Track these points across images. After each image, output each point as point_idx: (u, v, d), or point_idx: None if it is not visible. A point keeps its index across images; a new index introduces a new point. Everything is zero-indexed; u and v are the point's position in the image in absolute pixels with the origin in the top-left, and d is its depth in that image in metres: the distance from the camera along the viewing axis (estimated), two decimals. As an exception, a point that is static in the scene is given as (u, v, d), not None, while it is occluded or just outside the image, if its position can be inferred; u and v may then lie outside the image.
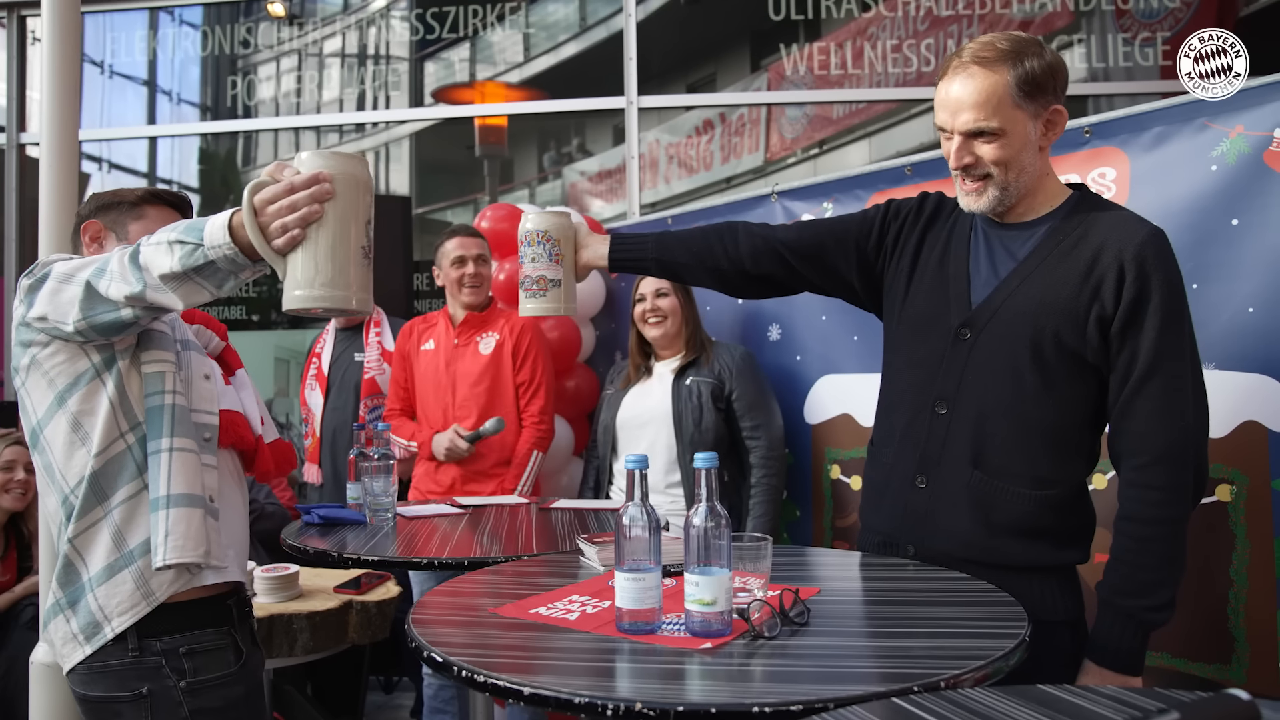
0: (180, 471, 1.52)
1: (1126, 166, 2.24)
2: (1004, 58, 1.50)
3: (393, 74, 5.00)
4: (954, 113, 1.54)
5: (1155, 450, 1.49)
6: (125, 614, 1.50)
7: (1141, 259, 1.49)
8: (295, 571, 2.60)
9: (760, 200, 3.13)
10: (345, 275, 1.33)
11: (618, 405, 2.87)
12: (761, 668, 1.16)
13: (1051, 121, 1.55)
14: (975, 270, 1.63)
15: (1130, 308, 1.49)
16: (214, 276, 1.38)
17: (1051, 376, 1.55)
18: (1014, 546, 1.57)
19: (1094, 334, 1.52)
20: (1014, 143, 1.52)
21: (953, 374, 1.61)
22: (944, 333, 1.62)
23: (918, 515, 1.64)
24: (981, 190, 1.57)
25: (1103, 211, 1.58)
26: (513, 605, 1.43)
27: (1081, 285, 1.52)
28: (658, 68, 4.66)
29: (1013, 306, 1.56)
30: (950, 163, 1.59)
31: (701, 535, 1.25)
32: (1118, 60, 4.45)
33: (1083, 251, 1.53)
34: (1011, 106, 1.51)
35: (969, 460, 1.59)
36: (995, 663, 1.13)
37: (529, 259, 1.89)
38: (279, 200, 1.30)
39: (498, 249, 3.56)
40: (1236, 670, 2.06)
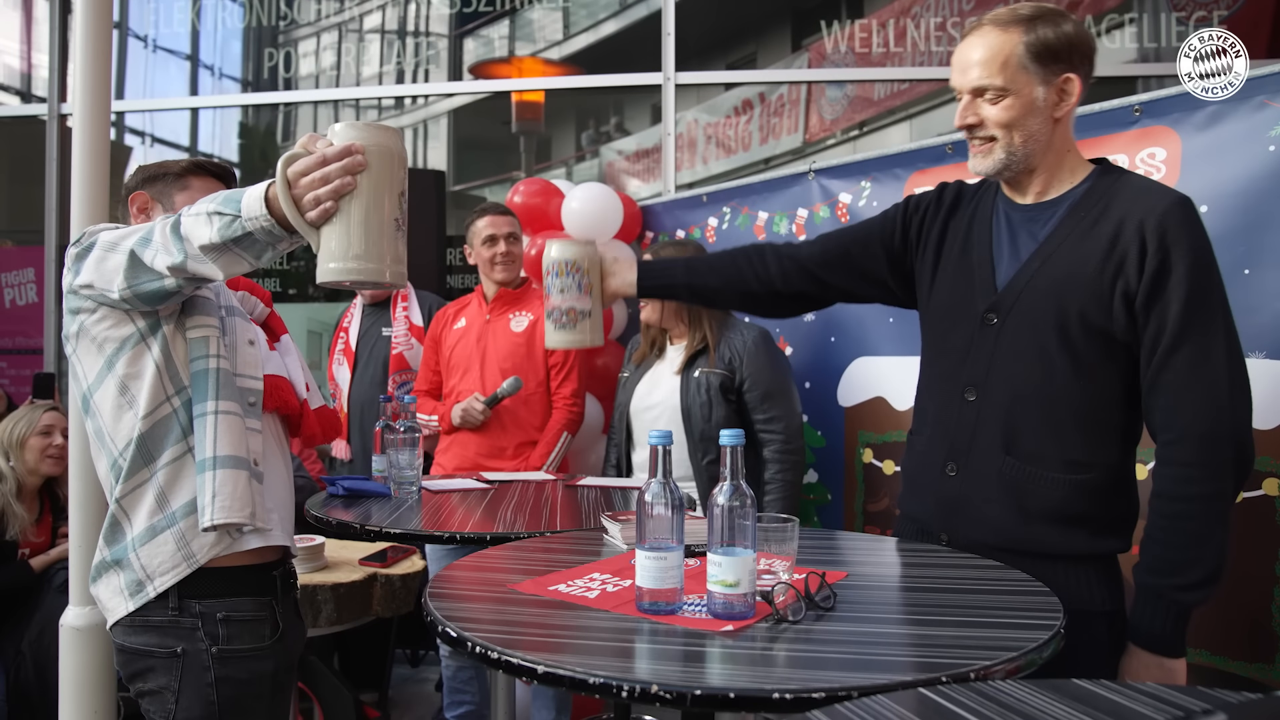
0: (226, 434, 1.53)
1: (1178, 146, 2.15)
2: (1019, 21, 1.50)
3: (431, 49, 4.98)
4: (963, 70, 1.54)
5: (1184, 425, 1.44)
6: (167, 574, 1.52)
7: (1163, 229, 1.45)
8: (321, 543, 2.60)
9: (797, 178, 3.07)
10: (378, 248, 1.31)
11: (631, 391, 2.81)
12: (784, 652, 1.13)
13: (1065, 90, 1.52)
14: (999, 255, 1.61)
15: (1153, 280, 1.45)
16: (252, 248, 1.39)
17: (1080, 357, 1.51)
18: (1049, 534, 1.53)
19: (1120, 310, 1.48)
20: (1019, 104, 1.51)
21: (980, 360, 1.59)
22: (971, 319, 1.61)
23: (950, 503, 1.62)
24: (988, 151, 1.55)
25: (1125, 184, 1.54)
26: (532, 582, 1.41)
27: (1105, 261, 1.48)
28: (696, 46, 4.59)
29: (1037, 288, 1.53)
30: (955, 121, 1.58)
31: (726, 515, 1.22)
32: (1170, 40, 4.31)
33: (1105, 226, 1.50)
34: (1018, 68, 1.50)
35: (1000, 446, 1.56)
36: (1028, 654, 1.09)
37: (557, 290, 1.87)
38: (312, 172, 1.30)
39: (530, 224, 3.54)
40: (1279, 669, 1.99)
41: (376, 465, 2.40)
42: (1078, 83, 1.52)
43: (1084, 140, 2.33)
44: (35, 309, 4.96)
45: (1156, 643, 1.47)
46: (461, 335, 3.04)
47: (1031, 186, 1.59)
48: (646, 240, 3.74)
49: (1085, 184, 1.57)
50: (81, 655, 2.10)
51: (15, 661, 2.90)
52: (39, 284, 4.96)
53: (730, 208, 3.35)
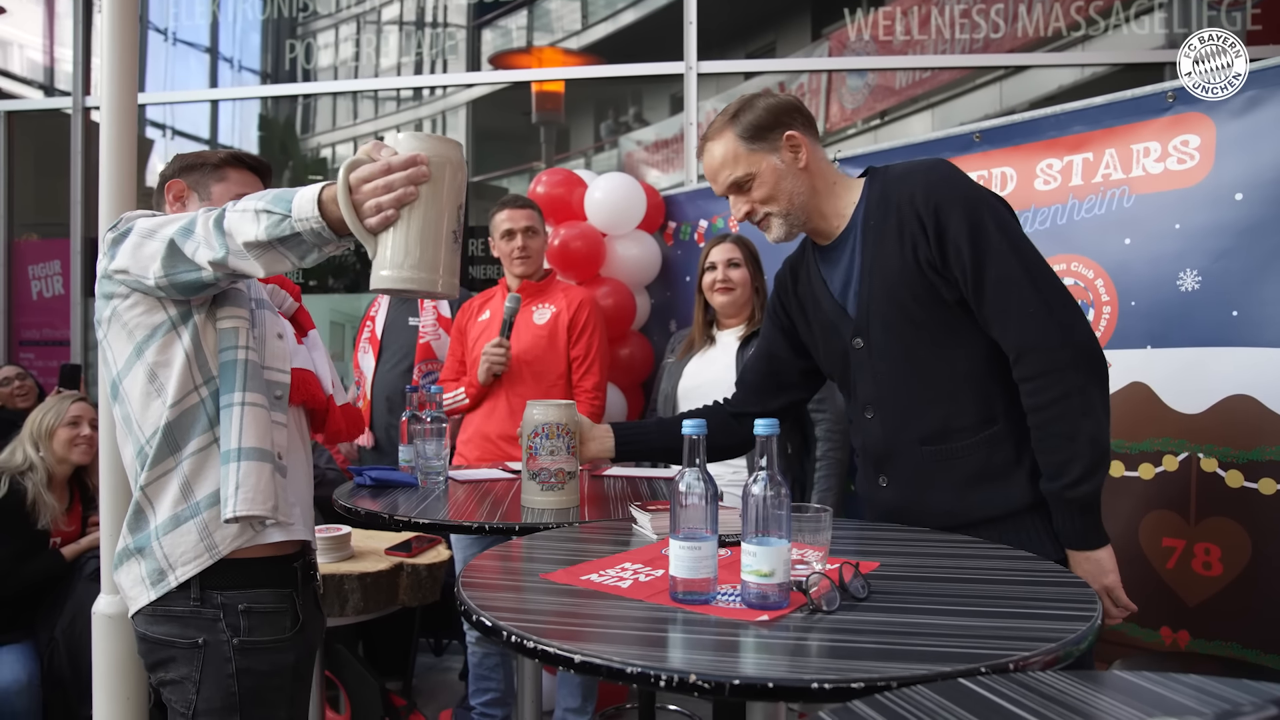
0: (252, 426, 1.53)
1: (1212, 133, 2.13)
2: (725, 123, 1.74)
3: (450, 40, 4.98)
4: (714, 179, 1.77)
5: (1018, 344, 1.59)
6: (189, 564, 1.53)
7: (927, 194, 1.63)
8: (347, 533, 2.61)
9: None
10: (435, 258, 1.33)
11: (679, 374, 2.83)
12: (819, 642, 1.12)
13: (793, 147, 1.72)
14: (839, 292, 1.78)
15: (938, 240, 1.62)
16: (298, 248, 1.40)
17: (939, 335, 1.66)
18: (986, 497, 1.65)
19: (936, 279, 1.63)
20: (767, 178, 1.72)
21: (866, 380, 1.76)
22: (845, 351, 1.78)
23: (895, 510, 1.75)
24: (769, 225, 1.75)
25: (887, 179, 1.72)
26: (564, 571, 1.41)
27: (901, 247, 1.65)
28: (717, 36, 4.57)
29: (876, 300, 1.70)
30: (734, 216, 1.78)
31: (760, 505, 1.22)
32: (1200, 25, 4.25)
33: (890, 221, 1.67)
34: (747, 154, 1.72)
35: (911, 443, 1.71)
36: (1066, 645, 1.08)
37: (546, 451, 1.98)
38: (375, 179, 1.31)
39: (552, 214, 3.54)
40: (1305, 660, 1.97)
41: (403, 455, 2.41)
42: (800, 136, 1.72)
43: (1114, 129, 2.31)
44: (62, 301, 5.01)
45: (1079, 540, 1.60)
46: (485, 327, 3.05)
47: (827, 227, 1.78)
48: (670, 230, 3.73)
49: (864, 195, 1.74)
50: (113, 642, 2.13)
51: (49, 649, 2.94)
52: (65, 276, 5.01)
53: (753, 197, 3.33)
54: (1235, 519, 2.08)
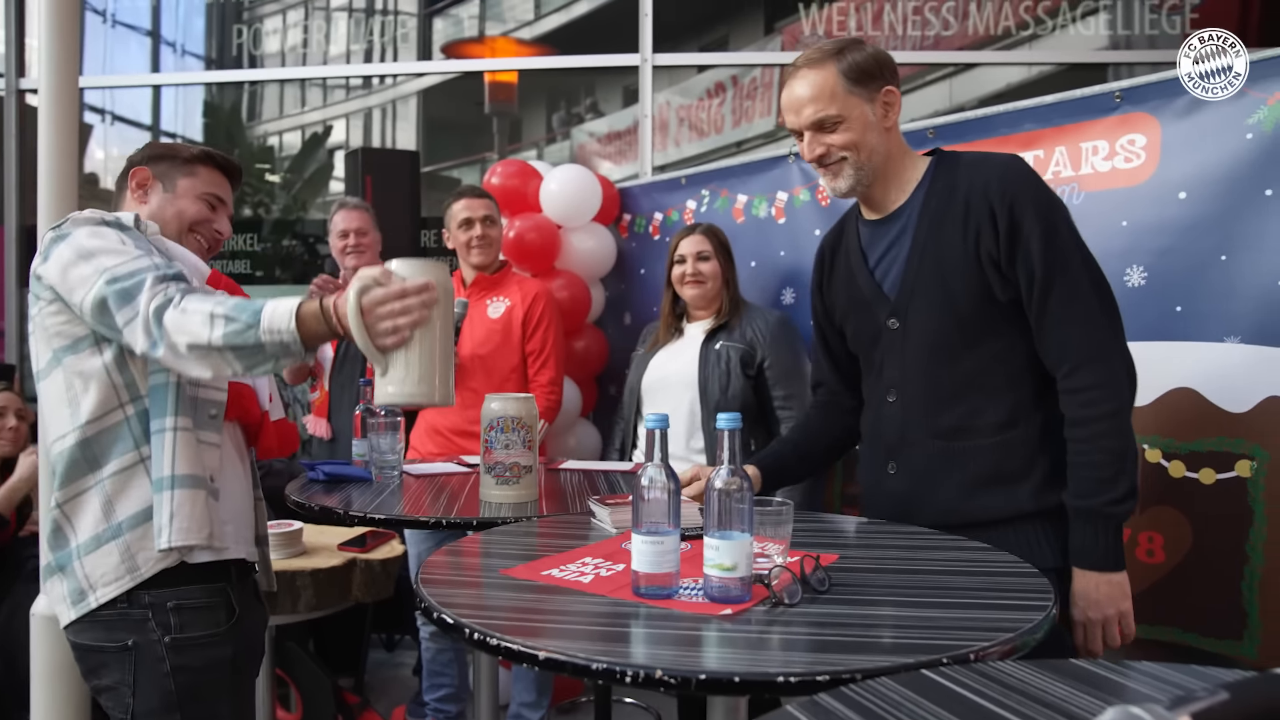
0: (184, 452, 1.49)
1: (1158, 133, 2.17)
2: (828, 56, 1.66)
3: (401, 28, 4.91)
4: (797, 111, 1.69)
5: (1077, 354, 1.57)
6: (109, 585, 1.49)
7: (1003, 189, 1.60)
8: (299, 528, 2.57)
9: (777, 161, 3.07)
10: (443, 373, 1.45)
11: (645, 367, 2.80)
12: (783, 636, 1.13)
13: (888, 103, 1.68)
14: (879, 269, 1.75)
15: (1009, 237, 1.59)
16: (252, 357, 1.38)
17: (979, 331, 1.64)
18: (993, 499, 1.63)
19: (993, 275, 1.61)
20: (856, 125, 1.66)
21: (894, 363, 1.73)
22: (878, 331, 1.75)
23: (899, 498, 1.73)
24: (839, 171, 1.69)
25: (960, 163, 1.69)
26: (524, 567, 1.40)
27: (964, 237, 1.62)
28: (671, 29, 4.57)
29: (922, 283, 1.67)
30: (805, 157, 1.72)
31: (722, 498, 1.22)
32: (1143, 28, 4.35)
33: (955, 208, 1.64)
34: (845, 94, 1.65)
35: (928, 434, 1.68)
36: (1024, 635, 1.10)
37: (502, 445, 1.97)
38: (391, 303, 1.37)
39: (508, 206, 3.51)
40: (1248, 646, 2.03)
41: (357, 449, 2.37)
42: (896, 93, 1.69)
43: (1064, 127, 2.35)
44: (-6, 290, 4.85)
45: (1103, 561, 1.57)
46: (438, 319, 3.02)
47: (886, 197, 1.74)
48: (625, 222, 3.72)
49: (929, 174, 1.71)
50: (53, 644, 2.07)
51: (-17, 650, 2.85)
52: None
53: (709, 190, 3.34)
54: (1177, 508, 2.14)
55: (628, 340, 3.66)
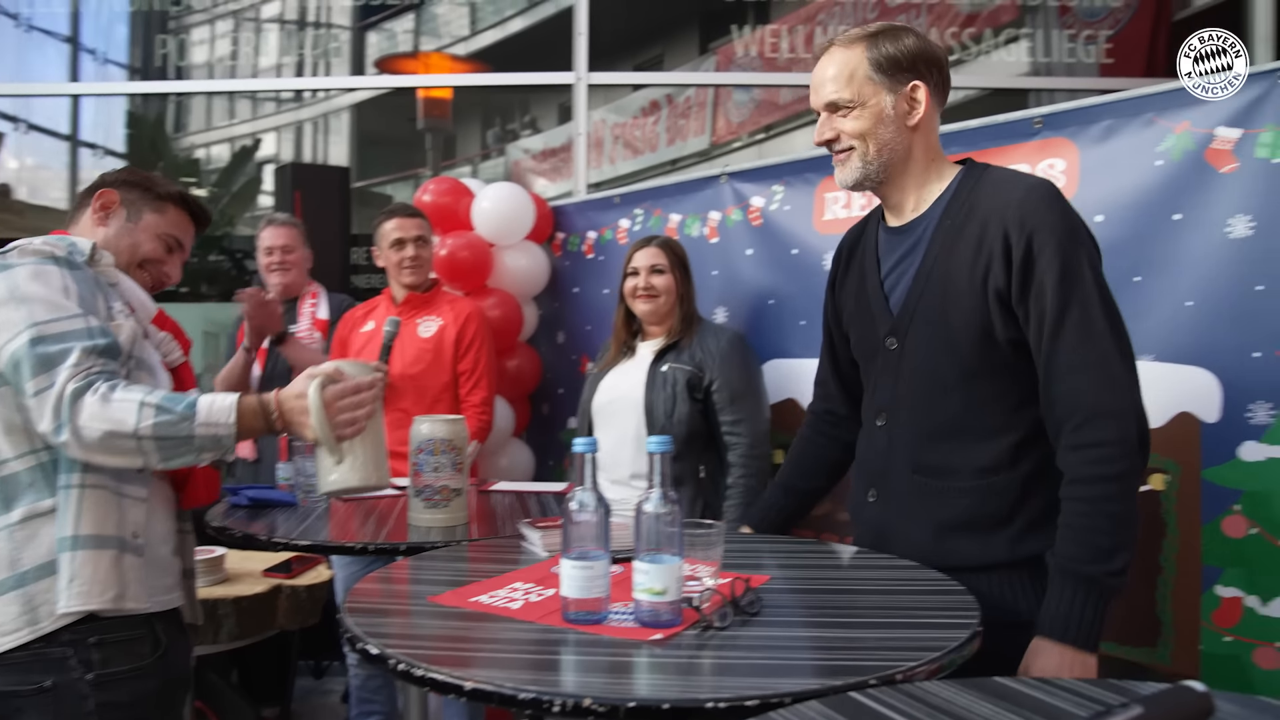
0: (91, 510, 1.44)
1: (1076, 158, 2.24)
2: (863, 38, 1.57)
3: (333, 41, 4.84)
4: (817, 89, 1.60)
5: (1087, 406, 1.41)
6: (8, 635, 1.42)
7: (1022, 218, 1.46)
8: (221, 555, 2.50)
9: (710, 181, 3.09)
10: (382, 460, 1.60)
11: (596, 386, 2.71)
12: (713, 660, 1.13)
13: (913, 98, 1.56)
14: (889, 280, 1.64)
15: (1022, 271, 1.45)
16: (175, 450, 1.39)
17: (975, 368, 1.52)
18: (967, 545, 1.52)
19: (997, 311, 1.48)
20: (869, 114, 1.55)
21: (887, 385, 1.63)
22: (876, 347, 1.64)
23: (875, 528, 1.65)
24: (846, 160, 1.59)
25: (986, 181, 1.57)
26: (452, 593, 1.38)
27: (974, 268, 1.50)
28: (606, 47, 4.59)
29: (926, 307, 1.56)
30: (814, 138, 1.64)
31: (652, 522, 1.21)
32: (1061, 56, 4.50)
33: (971, 229, 1.52)
34: (864, 80, 1.55)
35: (910, 467, 1.58)
36: (949, 654, 1.12)
37: (431, 468, 1.95)
38: (349, 397, 1.51)
39: (439, 224, 3.47)
40: (1162, 653, 2.09)
41: (281, 473, 2.31)
42: (925, 89, 1.56)
43: (986, 151, 2.41)
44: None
45: (1081, 636, 1.39)
46: (368, 339, 2.96)
47: (905, 203, 1.63)
48: (558, 241, 3.71)
49: (951, 188, 1.59)
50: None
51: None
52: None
53: (643, 209, 3.35)
54: (1098, 523, 2.19)
55: (561, 359, 3.65)
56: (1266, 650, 1.93)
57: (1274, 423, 1.94)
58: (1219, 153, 2.02)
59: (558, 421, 3.64)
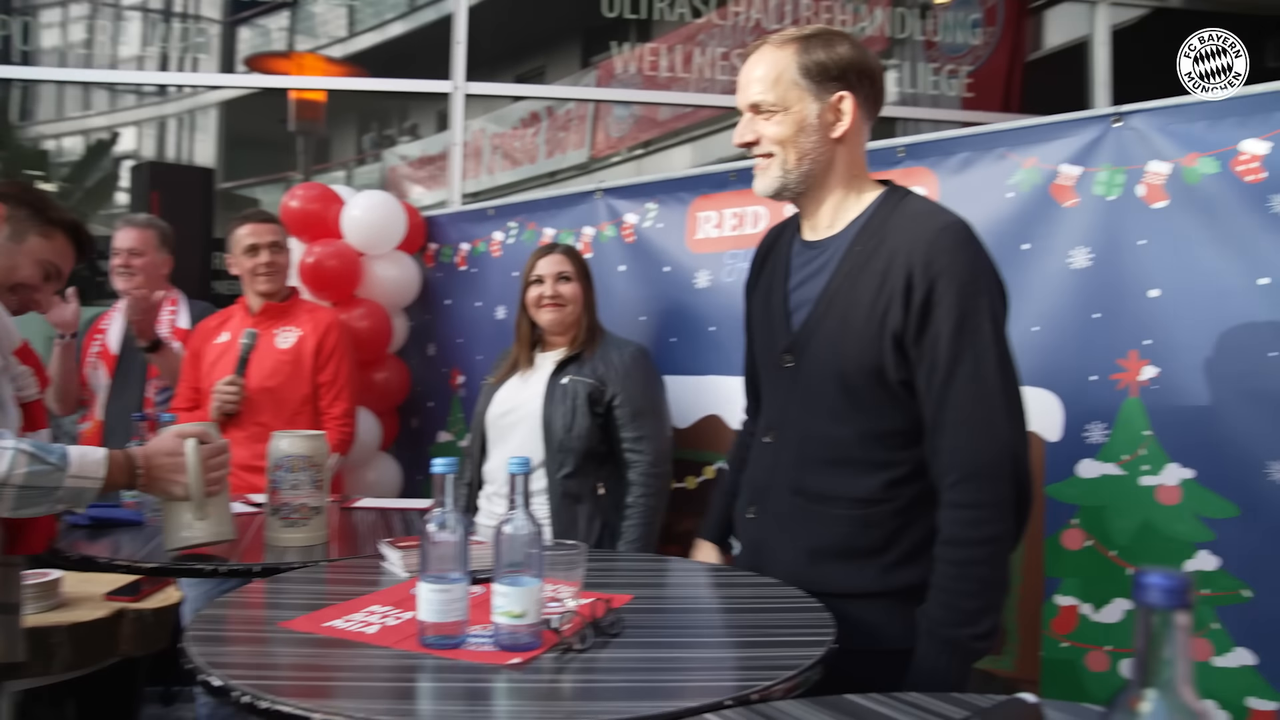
0: None
1: (936, 187, 2.35)
2: (795, 40, 1.51)
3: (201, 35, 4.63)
4: (744, 88, 1.53)
5: (965, 465, 1.39)
6: None
7: (928, 260, 1.41)
8: (55, 578, 2.33)
9: (584, 197, 3.09)
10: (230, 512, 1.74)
11: (490, 398, 2.58)
12: (572, 684, 1.12)
13: (839, 109, 1.50)
14: (795, 296, 1.60)
15: (920, 316, 1.41)
16: (36, 499, 1.37)
17: (864, 399, 1.49)
18: (837, 571, 1.50)
19: (891, 353, 1.44)
20: (791, 121, 1.49)
21: (777, 403, 1.60)
22: (774, 360, 1.60)
23: (753, 546, 1.63)
24: (765, 168, 1.53)
25: (901, 211, 1.51)
26: (305, 618, 1.32)
27: (875, 302, 1.45)
28: (486, 55, 4.55)
29: (823, 331, 1.52)
30: (734, 139, 1.56)
31: (512, 543, 1.20)
32: (926, 88, 4.72)
33: (877, 263, 1.47)
34: (790, 84, 1.49)
35: (790, 488, 1.56)
36: (804, 673, 1.14)
37: (289, 485, 1.90)
38: (217, 456, 1.66)
39: (307, 230, 3.36)
40: (1007, 660, 2.20)
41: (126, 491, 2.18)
42: (853, 101, 1.50)
43: (852, 176, 2.50)
44: None
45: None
46: (223, 350, 2.83)
47: (821, 218, 1.57)
48: (430, 252, 3.65)
49: (868, 212, 1.53)
50: None
51: None
52: None
53: (517, 223, 3.32)
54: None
55: (430, 372, 3.58)
56: (1097, 654, 2.06)
57: (1107, 442, 2.07)
58: (1062, 188, 2.15)
59: (427, 435, 3.57)
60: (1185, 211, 2.00)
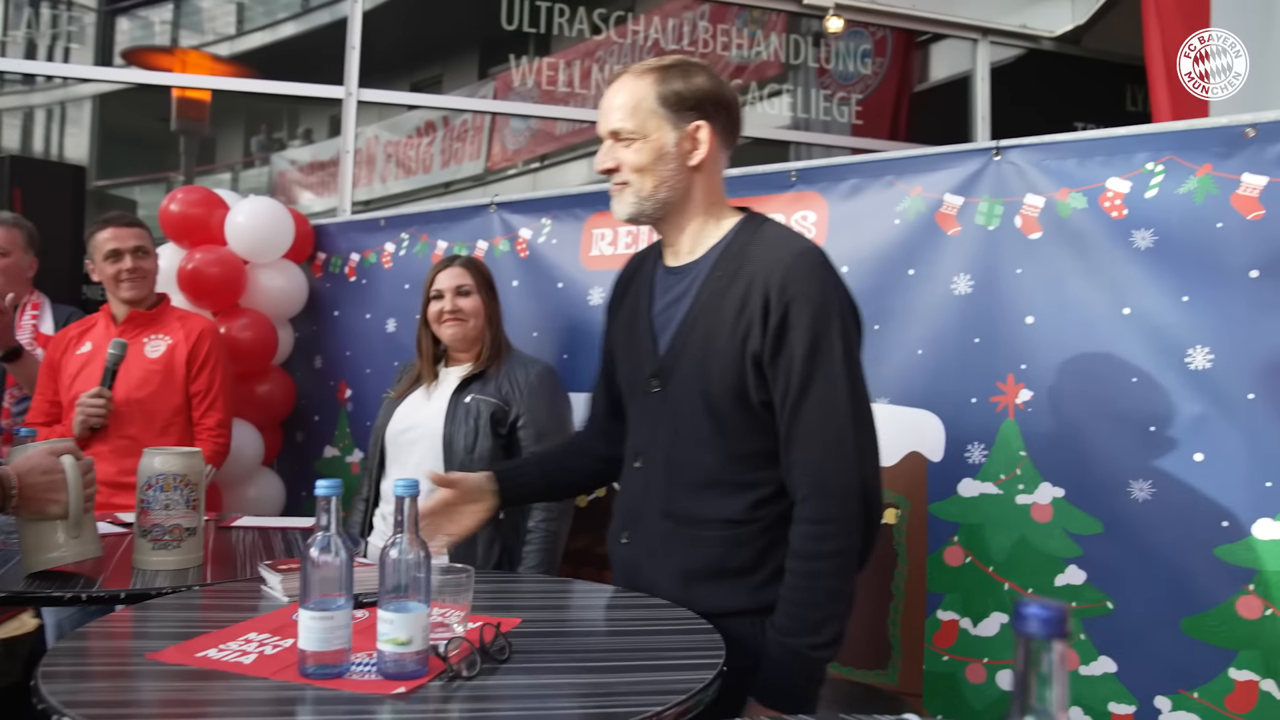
0: None
1: (826, 212, 2.40)
2: (653, 70, 1.56)
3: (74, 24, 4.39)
4: (604, 116, 1.58)
5: (815, 483, 1.44)
6: None
7: (784, 284, 1.47)
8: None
9: (479, 210, 3.06)
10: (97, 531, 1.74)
11: (390, 414, 2.49)
12: (460, 713, 1.09)
13: (696, 138, 1.55)
14: (659, 320, 1.63)
15: (775, 338, 1.46)
16: None
17: (728, 421, 1.53)
18: (713, 592, 1.53)
19: (753, 374, 1.49)
20: (649, 148, 1.53)
21: (645, 427, 1.62)
22: (640, 387, 1.63)
23: (627, 570, 1.64)
24: (620, 193, 1.58)
25: (759, 237, 1.56)
26: (176, 649, 1.25)
27: (735, 326, 1.50)
28: (381, 62, 4.46)
29: (688, 355, 1.56)
30: (595, 166, 1.61)
31: (398, 568, 1.16)
32: (818, 114, 4.85)
33: (737, 287, 1.51)
34: (649, 113, 1.53)
35: (660, 512, 1.58)
36: (695, 696, 1.14)
37: (161, 505, 1.81)
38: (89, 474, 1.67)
39: (187, 236, 3.22)
40: (891, 674, 2.26)
41: (-13, 512, 2.03)
42: (709, 130, 1.55)
43: (746, 199, 2.53)
44: None
45: (790, 703, 1.43)
46: (86, 361, 2.67)
47: (681, 244, 1.61)
48: (319, 261, 3.54)
49: (727, 238, 1.58)
50: None
51: None
52: None
53: (409, 234, 3.26)
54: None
55: (316, 385, 3.47)
56: (976, 666, 2.13)
57: (986, 461, 2.15)
58: (946, 216, 2.23)
59: (313, 450, 3.46)
60: (1058, 243, 2.10)
